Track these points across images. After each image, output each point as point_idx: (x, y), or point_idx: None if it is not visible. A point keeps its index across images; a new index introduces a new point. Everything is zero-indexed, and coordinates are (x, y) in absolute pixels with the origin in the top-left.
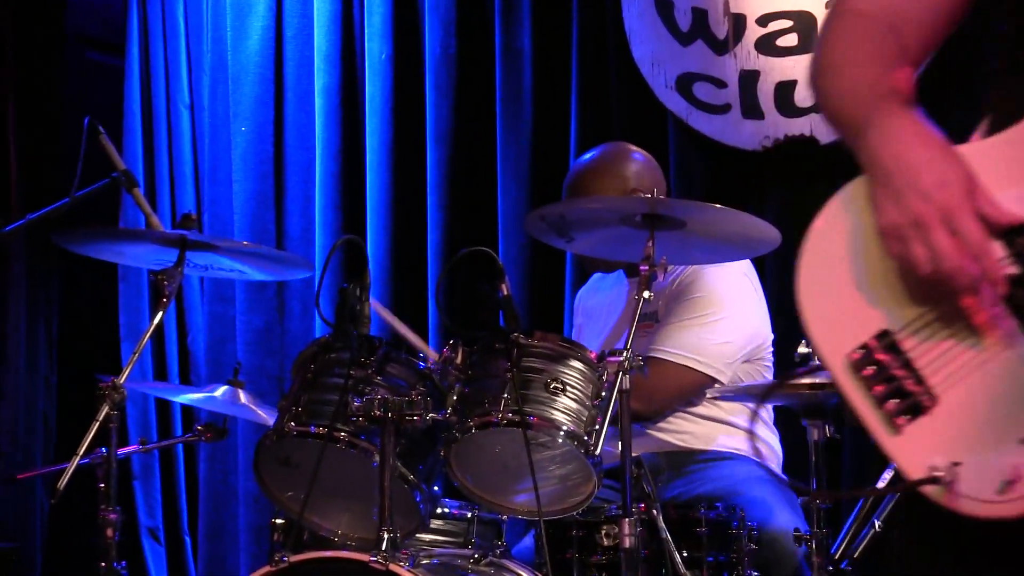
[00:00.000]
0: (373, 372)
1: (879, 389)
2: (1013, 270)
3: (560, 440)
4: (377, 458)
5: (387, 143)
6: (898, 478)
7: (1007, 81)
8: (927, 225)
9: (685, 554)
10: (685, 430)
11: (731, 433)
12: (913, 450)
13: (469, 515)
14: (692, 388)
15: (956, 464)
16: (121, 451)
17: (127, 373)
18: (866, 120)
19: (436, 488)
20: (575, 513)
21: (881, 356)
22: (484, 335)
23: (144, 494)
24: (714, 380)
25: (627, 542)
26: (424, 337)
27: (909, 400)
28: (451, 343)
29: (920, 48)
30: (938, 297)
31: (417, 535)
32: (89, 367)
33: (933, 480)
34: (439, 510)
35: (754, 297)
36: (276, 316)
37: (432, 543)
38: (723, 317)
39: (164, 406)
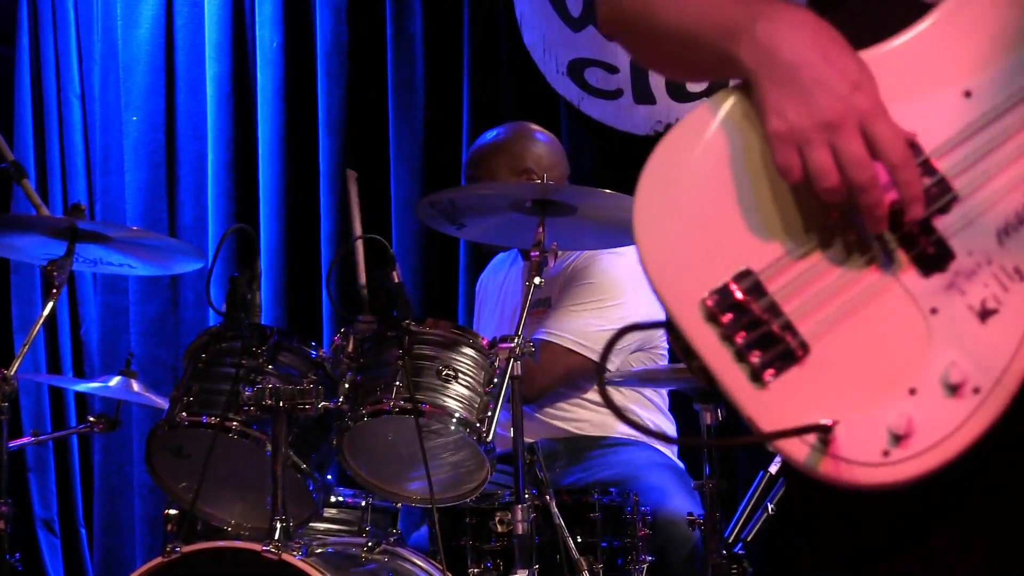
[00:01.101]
0: (264, 361)
1: (740, 338)
2: (916, 187)
3: (452, 427)
4: (269, 447)
5: (279, 131)
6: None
7: None
8: (840, 126)
9: (579, 540)
10: (582, 418)
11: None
12: (780, 408)
13: (363, 503)
14: (576, 372)
15: (831, 423)
16: (13, 443)
17: (17, 364)
18: (748, 15)
19: (329, 477)
20: (468, 500)
21: (742, 299)
22: (376, 322)
23: (39, 486)
24: (598, 366)
25: (520, 528)
26: (317, 326)
27: (777, 348)
28: (342, 331)
29: None
30: (813, 224)
31: (311, 524)
32: None
33: (817, 428)
34: (333, 499)
35: (647, 285)
36: (170, 306)
37: (326, 532)
38: (614, 304)
39: (58, 398)
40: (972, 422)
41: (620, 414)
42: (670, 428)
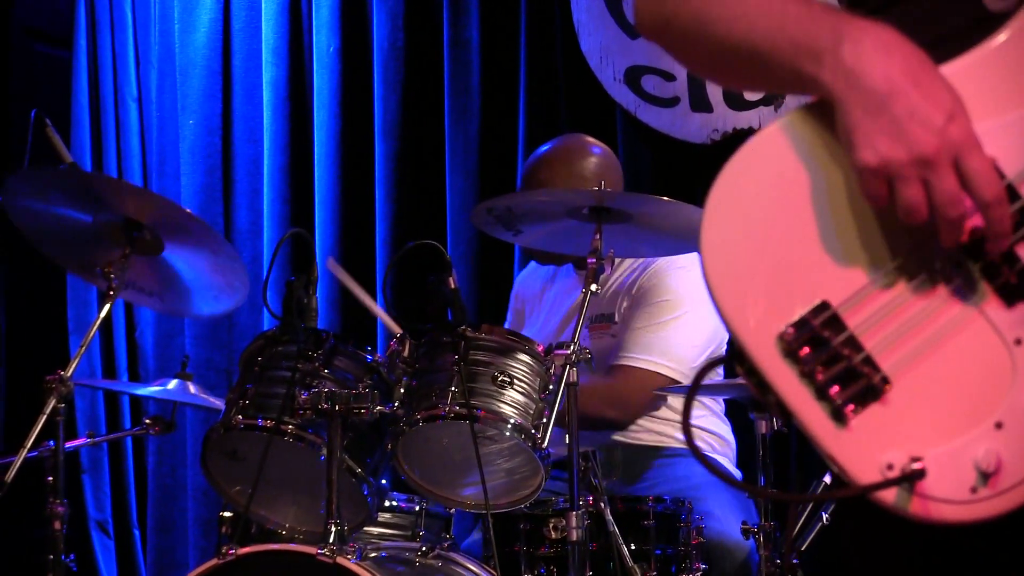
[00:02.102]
0: (320, 365)
1: (820, 374)
2: (1006, 221)
3: (507, 433)
4: (324, 451)
5: (335, 136)
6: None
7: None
8: (933, 162)
9: (633, 547)
10: (640, 426)
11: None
12: (863, 446)
13: (417, 508)
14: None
15: (916, 459)
16: (69, 444)
17: (74, 366)
18: (831, 35)
19: (384, 481)
20: (523, 506)
21: (822, 334)
22: (432, 328)
23: (93, 487)
24: (679, 383)
25: (574, 535)
26: (372, 331)
27: (859, 385)
28: (398, 336)
29: None
30: (896, 256)
31: (365, 528)
32: (37, 361)
33: (909, 477)
34: (387, 503)
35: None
36: None
37: (380, 536)
38: (687, 320)
39: (113, 400)
40: None
41: (703, 461)
42: (726, 431)
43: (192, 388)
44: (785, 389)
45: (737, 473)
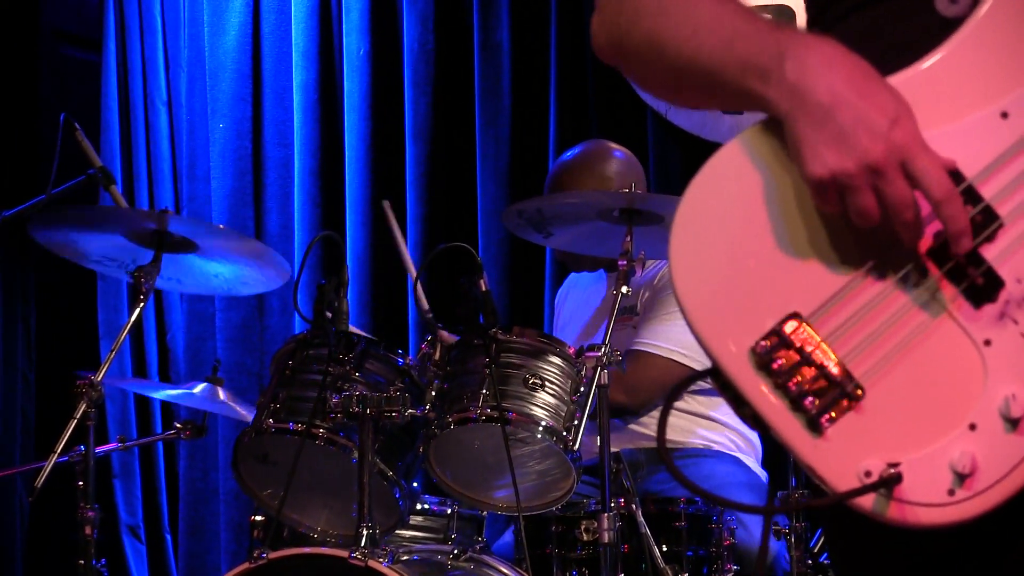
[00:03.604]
0: (351, 369)
1: (794, 385)
2: (962, 220)
3: (539, 436)
4: (356, 455)
5: (365, 139)
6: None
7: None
8: (883, 169)
9: (665, 548)
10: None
11: (710, 427)
12: (840, 455)
13: (449, 511)
14: (675, 381)
15: (893, 465)
16: (100, 449)
17: (104, 370)
18: (775, 53)
19: (415, 484)
20: (554, 508)
21: (794, 344)
22: (463, 331)
23: (124, 492)
24: (692, 369)
25: (606, 537)
26: (403, 334)
27: (832, 394)
28: (429, 339)
29: None
30: (859, 264)
31: (397, 531)
32: (68, 364)
33: (887, 481)
34: (419, 506)
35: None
36: (255, 313)
37: (412, 539)
38: None
39: (144, 404)
40: None
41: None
42: (752, 434)
43: (222, 392)
44: (760, 402)
45: (763, 474)
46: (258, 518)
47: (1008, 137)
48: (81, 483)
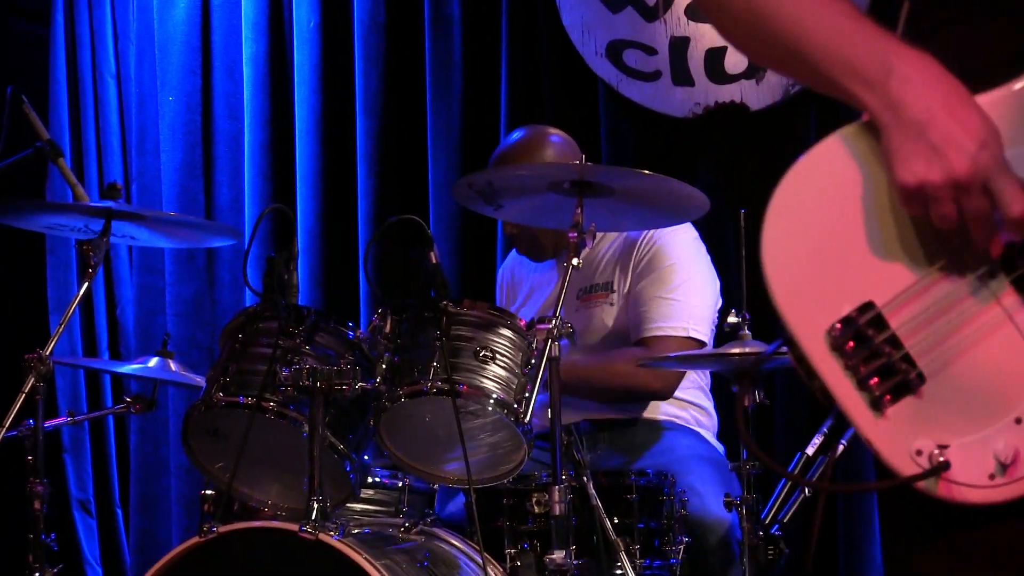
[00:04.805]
0: (302, 342)
1: (863, 368)
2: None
3: (490, 408)
4: (306, 428)
5: (316, 112)
6: (877, 465)
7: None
8: (965, 185)
9: (616, 521)
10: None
11: (673, 403)
12: (896, 433)
13: (400, 484)
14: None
15: (943, 447)
16: (49, 423)
17: (53, 344)
18: (881, 67)
19: (366, 457)
20: (506, 481)
21: (866, 331)
22: (413, 304)
23: (75, 466)
24: (704, 344)
25: (557, 509)
26: (355, 307)
27: (895, 379)
28: (380, 312)
29: None
30: (933, 264)
31: (347, 505)
32: (17, 340)
33: (938, 469)
34: (369, 479)
35: (708, 259)
36: (206, 287)
37: (363, 512)
38: (695, 281)
39: (94, 379)
40: None
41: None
42: (710, 406)
43: (173, 366)
44: (830, 378)
45: (720, 447)
46: (208, 492)
47: None
48: (31, 458)
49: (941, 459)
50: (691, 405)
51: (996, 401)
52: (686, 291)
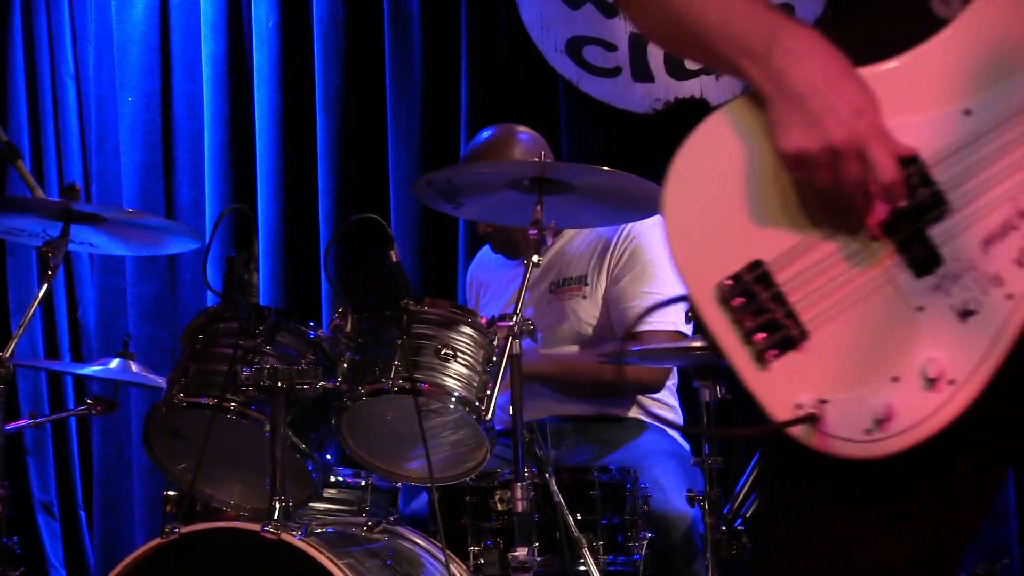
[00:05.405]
0: (262, 341)
1: (748, 321)
2: (903, 203)
3: (452, 406)
4: (268, 428)
5: (276, 111)
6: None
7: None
8: (839, 150)
9: (579, 517)
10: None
11: (643, 402)
12: (779, 386)
13: (363, 483)
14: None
15: (823, 401)
16: (10, 426)
17: (12, 346)
18: (766, 39)
19: (329, 457)
20: (468, 479)
21: (753, 287)
22: (374, 302)
23: (37, 469)
24: (687, 336)
25: (520, 507)
26: (316, 306)
27: (779, 334)
28: (341, 311)
29: None
30: (818, 224)
31: (310, 504)
32: None
33: (807, 419)
34: (332, 479)
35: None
36: (167, 287)
37: (326, 512)
38: (673, 275)
39: (56, 381)
40: (944, 411)
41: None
42: (675, 403)
43: (134, 367)
44: (718, 332)
45: (686, 444)
46: (170, 493)
47: (966, 132)
48: None
49: (811, 411)
50: (658, 403)
51: (875, 359)
52: (671, 286)
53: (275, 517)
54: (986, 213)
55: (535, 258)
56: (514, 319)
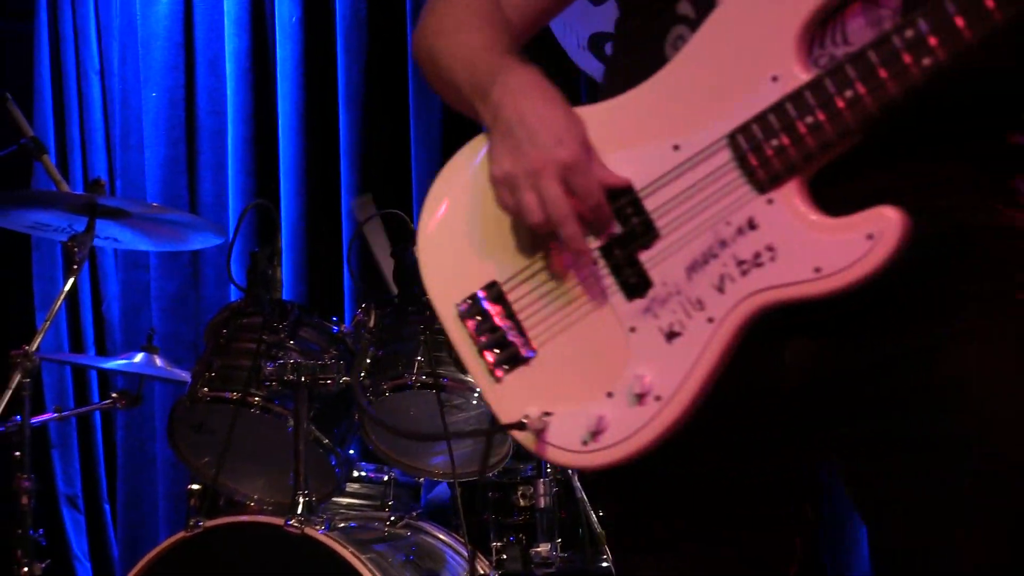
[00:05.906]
0: (286, 336)
1: (482, 339)
2: (616, 230)
3: (474, 402)
4: (291, 423)
5: (299, 107)
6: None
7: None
8: (540, 173)
9: (601, 513)
10: None
11: None
12: (510, 399)
13: (385, 478)
14: None
15: (547, 414)
16: (36, 419)
17: (39, 341)
18: (490, 77)
19: (351, 451)
20: (491, 474)
21: (487, 306)
22: (397, 298)
23: (62, 462)
24: None
25: (542, 502)
26: (339, 301)
27: (508, 351)
28: (364, 306)
29: (520, 26)
30: (543, 249)
31: (333, 499)
32: (4, 337)
33: (520, 426)
34: (355, 473)
35: None
36: (191, 282)
37: (348, 506)
38: None
39: (81, 375)
40: (652, 425)
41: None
42: None
43: (159, 361)
44: (459, 348)
45: None
46: (194, 487)
47: (674, 165)
48: (18, 453)
49: (523, 420)
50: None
51: (593, 375)
52: None
53: (298, 511)
54: (689, 240)
55: None
56: None
